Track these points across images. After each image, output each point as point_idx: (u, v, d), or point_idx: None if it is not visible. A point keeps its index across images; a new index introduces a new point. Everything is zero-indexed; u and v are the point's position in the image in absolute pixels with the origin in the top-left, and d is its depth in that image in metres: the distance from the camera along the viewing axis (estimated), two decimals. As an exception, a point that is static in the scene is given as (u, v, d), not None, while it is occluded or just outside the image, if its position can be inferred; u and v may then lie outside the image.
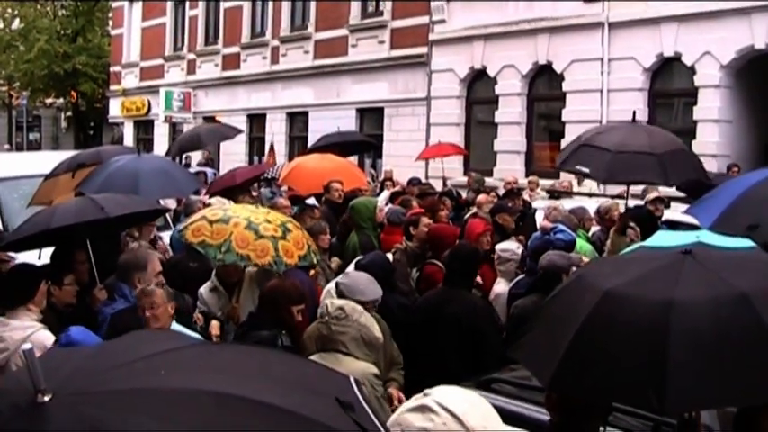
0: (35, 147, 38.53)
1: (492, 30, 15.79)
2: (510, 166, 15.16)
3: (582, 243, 6.92)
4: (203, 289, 5.57)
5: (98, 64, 31.96)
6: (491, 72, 16.01)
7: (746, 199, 4.88)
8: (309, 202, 8.25)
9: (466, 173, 15.34)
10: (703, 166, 7.00)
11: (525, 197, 10.83)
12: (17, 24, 33.83)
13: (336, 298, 4.80)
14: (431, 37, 17.15)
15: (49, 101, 37.33)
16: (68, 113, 38.18)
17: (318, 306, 4.70)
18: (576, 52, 14.35)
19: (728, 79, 12.71)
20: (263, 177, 12.29)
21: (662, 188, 8.52)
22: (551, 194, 11.02)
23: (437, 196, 9.54)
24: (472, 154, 16.45)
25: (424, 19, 17.27)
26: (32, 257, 5.60)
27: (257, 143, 22.19)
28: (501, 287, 6.20)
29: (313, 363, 2.64)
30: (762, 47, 12.17)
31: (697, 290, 2.55)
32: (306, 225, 6.55)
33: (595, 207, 8.27)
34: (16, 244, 5.53)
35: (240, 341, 4.37)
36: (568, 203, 8.48)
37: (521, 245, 6.66)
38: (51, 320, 4.53)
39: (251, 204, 6.62)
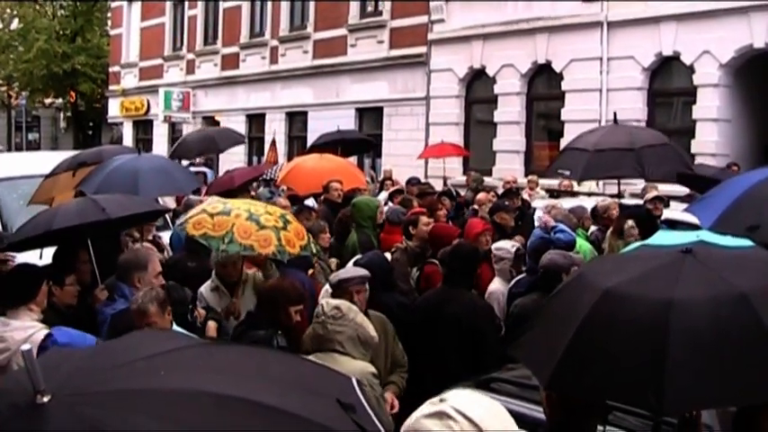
0: (34, 147, 38.41)
1: (491, 29, 15.79)
2: (509, 166, 15.16)
3: (581, 242, 6.93)
4: (204, 288, 5.55)
5: (97, 64, 31.96)
6: (490, 71, 16.00)
7: (747, 199, 4.85)
8: (307, 204, 8.24)
9: (465, 172, 15.34)
10: (687, 159, 6.94)
11: (524, 196, 10.83)
12: (16, 24, 33.85)
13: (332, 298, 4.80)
14: (430, 36, 17.15)
15: (48, 101, 37.29)
16: (67, 113, 38.17)
17: (319, 306, 4.71)
18: (575, 52, 14.34)
19: (727, 78, 12.71)
20: (262, 177, 12.28)
21: (661, 187, 8.52)
22: (551, 193, 11.02)
23: (436, 196, 9.55)
24: (471, 153, 16.44)
25: (423, 19, 17.27)
26: (34, 257, 5.59)
27: (256, 143, 22.17)
28: (495, 285, 6.22)
29: (314, 363, 2.63)
30: (761, 46, 12.17)
31: (697, 289, 2.54)
32: (304, 225, 6.54)
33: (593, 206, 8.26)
34: (18, 245, 5.54)
35: (237, 340, 4.37)
36: (567, 202, 8.48)
37: (520, 244, 6.65)
38: (52, 321, 4.50)
39: (249, 201, 6.62)
